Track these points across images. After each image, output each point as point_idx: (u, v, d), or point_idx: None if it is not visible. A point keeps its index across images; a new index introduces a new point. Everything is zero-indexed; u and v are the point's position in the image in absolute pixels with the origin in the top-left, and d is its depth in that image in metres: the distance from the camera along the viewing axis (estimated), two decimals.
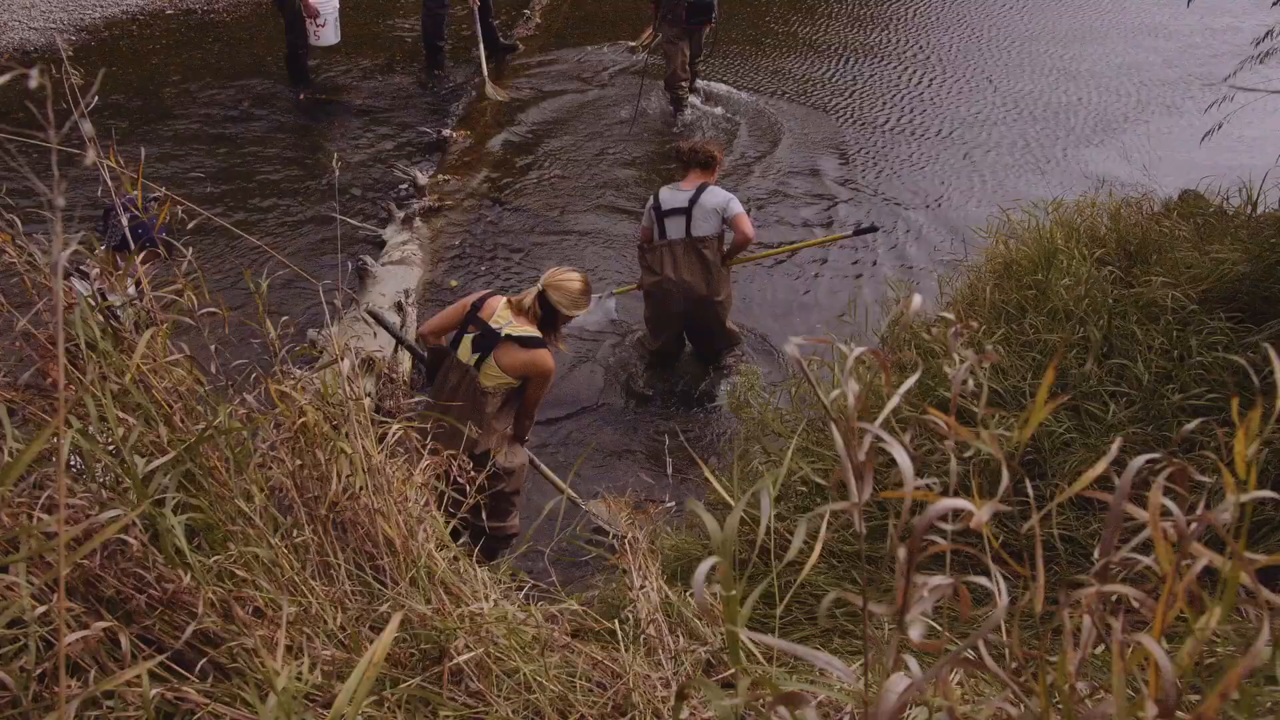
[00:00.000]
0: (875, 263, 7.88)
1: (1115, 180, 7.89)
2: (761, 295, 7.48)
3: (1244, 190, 5.65)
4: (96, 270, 4.17)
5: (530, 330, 4.35)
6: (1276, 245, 4.81)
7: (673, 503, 3.62)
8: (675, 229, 6.12)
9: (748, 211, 6.15)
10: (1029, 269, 5.22)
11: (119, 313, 4.05)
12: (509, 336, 4.31)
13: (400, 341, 5.57)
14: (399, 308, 6.60)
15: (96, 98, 1.71)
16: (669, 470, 4.61)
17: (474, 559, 2.79)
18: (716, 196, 6.10)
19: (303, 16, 9.76)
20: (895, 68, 11.87)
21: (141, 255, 4.25)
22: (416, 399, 4.90)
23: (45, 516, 1.75)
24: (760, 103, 10.78)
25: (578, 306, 4.44)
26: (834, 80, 11.48)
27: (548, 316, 4.42)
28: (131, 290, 4.14)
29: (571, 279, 4.43)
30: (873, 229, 7.30)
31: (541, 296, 4.38)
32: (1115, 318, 4.74)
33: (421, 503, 2.47)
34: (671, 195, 6.18)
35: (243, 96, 10.19)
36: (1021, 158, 9.74)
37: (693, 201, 6.08)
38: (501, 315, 4.38)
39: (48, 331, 2.03)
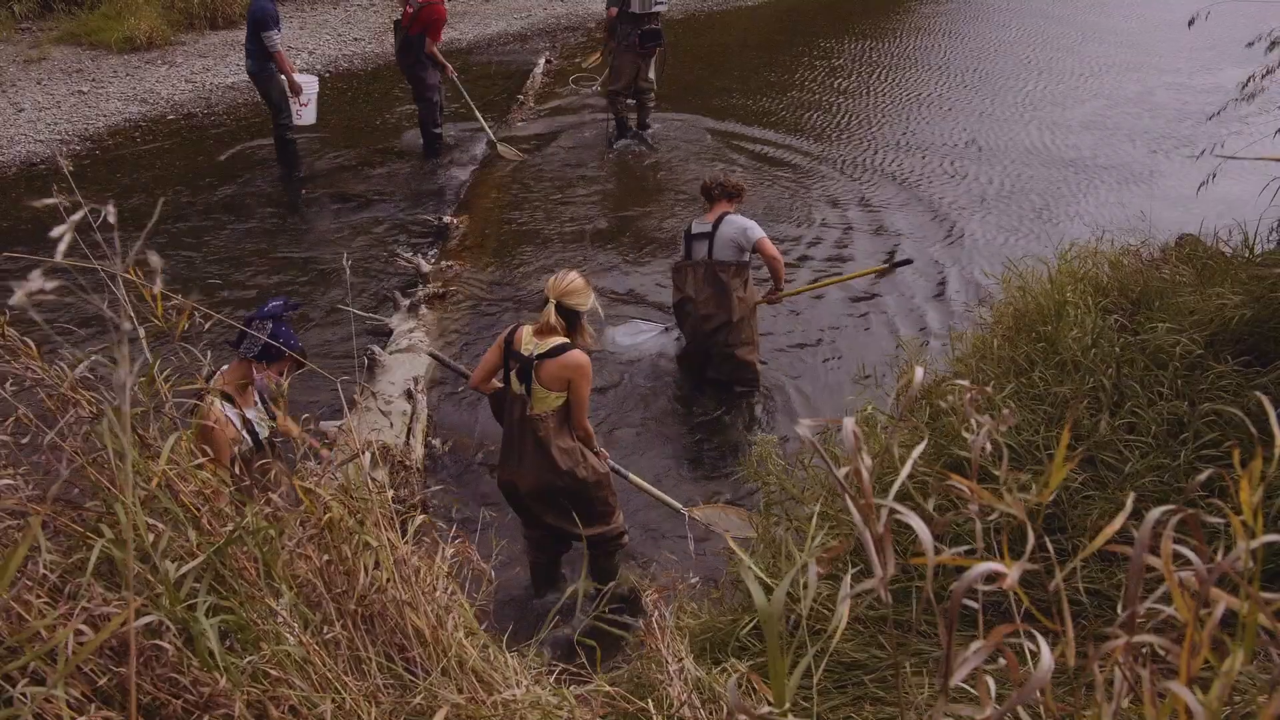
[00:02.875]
0: (886, 312, 8.02)
1: (1113, 226, 8.00)
2: (791, 338, 7.75)
3: (1239, 231, 5.70)
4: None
5: (555, 341, 4.65)
6: (1278, 284, 4.83)
7: (697, 578, 3.63)
8: (699, 252, 6.71)
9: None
10: (1038, 321, 5.25)
11: (257, 428, 4.11)
12: (539, 357, 4.64)
13: (461, 375, 6.08)
14: (409, 395, 6.64)
15: (104, 208, 1.76)
16: (690, 543, 4.63)
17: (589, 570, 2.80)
18: (734, 225, 6.60)
19: (287, 98, 9.98)
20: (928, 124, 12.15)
21: (283, 364, 4.34)
22: (434, 487, 5.00)
23: (84, 629, 1.77)
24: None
25: (587, 296, 4.76)
26: (846, 132, 11.78)
27: (571, 321, 4.73)
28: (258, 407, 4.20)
29: (571, 279, 4.73)
30: (908, 261, 7.80)
31: (558, 308, 4.67)
32: (1124, 366, 4.75)
33: (449, 591, 2.49)
34: (698, 223, 6.77)
35: (245, 194, 10.37)
36: (1031, 209, 10.02)
37: (715, 228, 6.61)
38: (528, 343, 4.70)
39: (75, 443, 2.07)
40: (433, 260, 8.85)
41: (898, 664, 2.88)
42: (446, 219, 9.56)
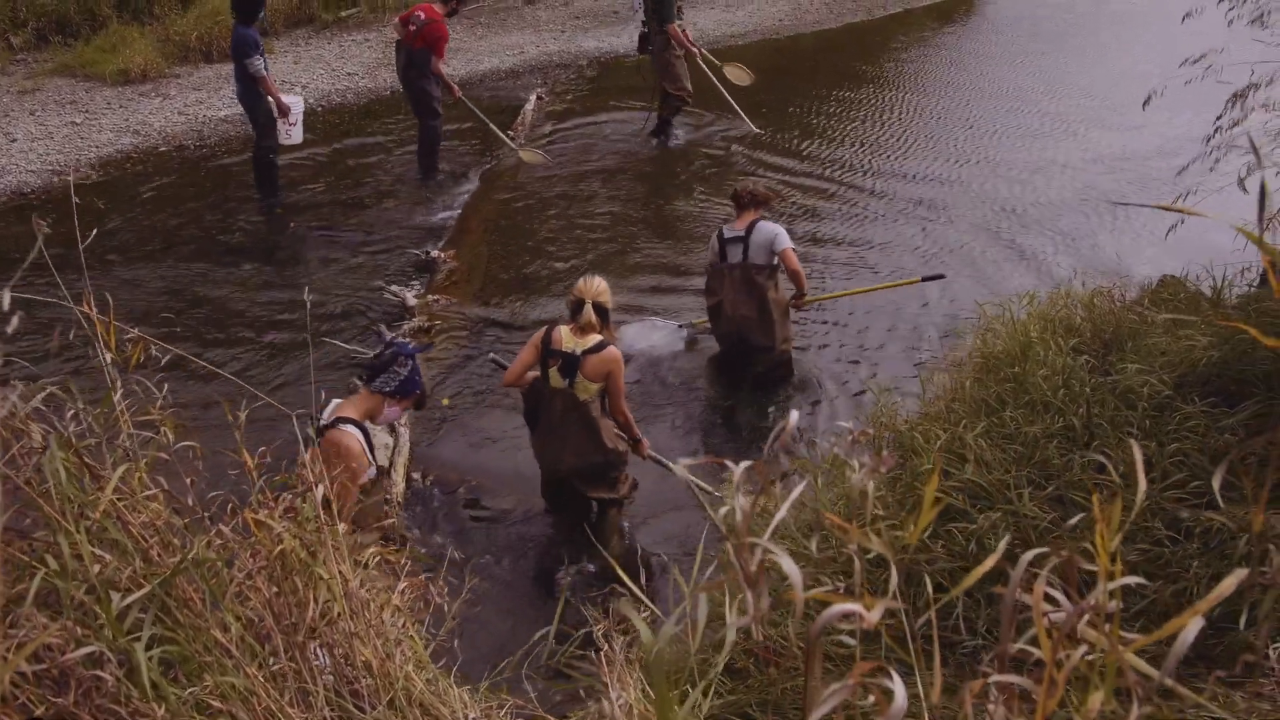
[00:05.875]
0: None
1: (1091, 270, 8.07)
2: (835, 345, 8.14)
3: (1207, 274, 5.76)
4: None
5: (594, 339, 5.37)
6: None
7: (646, 613, 3.64)
8: (734, 255, 7.09)
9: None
10: (1005, 362, 5.30)
11: (378, 456, 4.34)
12: (584, 353, 5.34)
13: (501, 368, 6.47)
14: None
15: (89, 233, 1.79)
16: (642, 578, 4.67)
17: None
18: (765, 231, 6.99)
19: (274, 120, 10.04)
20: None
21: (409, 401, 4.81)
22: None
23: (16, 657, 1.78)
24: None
25: (610, 295, 5.52)
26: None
27: (605, 318, 5.46)
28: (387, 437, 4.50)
29: (598, 281, 5.50)
30: (939, 276, 7.95)
31: (595, 307, 5.37)
32: (1094, 406, 4.78)
33: (399, 624, 2.50)
34: (729, 229, 7.16)
35: (232, 226, 10.40)
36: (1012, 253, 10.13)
37: (748, 233, 7.00)
38: (568, 341, 5.39)
39: (23, 475, 2.09)
40: (419, 294, 8.89)
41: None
42: (434, 253, 9.61)
